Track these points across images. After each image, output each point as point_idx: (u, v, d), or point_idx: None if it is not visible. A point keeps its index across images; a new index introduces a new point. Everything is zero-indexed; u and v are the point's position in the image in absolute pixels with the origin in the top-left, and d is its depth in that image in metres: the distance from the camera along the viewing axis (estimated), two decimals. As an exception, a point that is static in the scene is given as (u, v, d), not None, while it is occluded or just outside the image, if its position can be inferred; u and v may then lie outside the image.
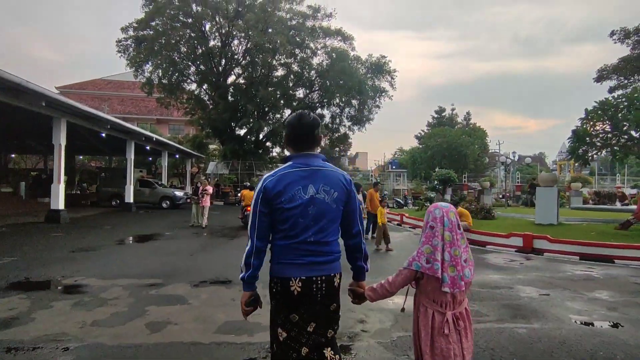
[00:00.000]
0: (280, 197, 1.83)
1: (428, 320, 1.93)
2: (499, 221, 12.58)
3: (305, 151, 1.94)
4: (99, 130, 15.35)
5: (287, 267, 1.86)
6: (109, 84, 46.97)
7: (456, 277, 1.88)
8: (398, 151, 43.64)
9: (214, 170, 31.63)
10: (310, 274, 1.85)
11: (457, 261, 1.90)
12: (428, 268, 1.90)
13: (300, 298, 1.83)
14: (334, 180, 1.91)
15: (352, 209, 1.98)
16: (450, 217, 1.96)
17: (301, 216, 1.83)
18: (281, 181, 1.85)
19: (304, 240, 1.84)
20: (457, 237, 1.94)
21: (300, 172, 1.87)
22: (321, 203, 1.86)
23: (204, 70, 30.36)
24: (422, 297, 1.99)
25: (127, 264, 7.04)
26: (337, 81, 27.68)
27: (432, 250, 1.91)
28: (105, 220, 14.30)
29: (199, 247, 9.16)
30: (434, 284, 1.91)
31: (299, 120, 1.95)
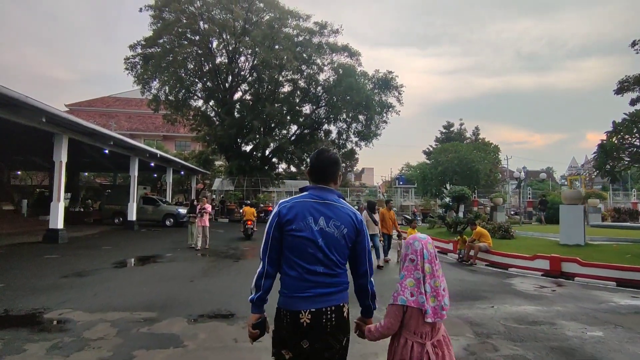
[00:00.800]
0: (292, 224, 1.86)
1: (407, 352, 1.94)
2: (519, 241, 11.76)
3: (321, 184, 1.98)
4: (102, 146, 14.88)
5: (296, 301, 1.85)
6: (117, 101, 47.17)
7: (437, 307, 1.93)
8: (405, 167, 42.92)
9: (220, 187, 31.12)
10: (319, 305, 1.84)
11: (438, 292, 1.94)
12: (413, 301, 1.92)
13: (309, 330, 1.83)
14: (345, 217, 1.93)
15: (361, 248, 1.99)
16: (429, 249, 2.00)
17: (309, 247, 1.85)
18: (294, 209, 1.89)
19: (313, 271, 1.85)
20: (435, 267, 1.98)
21: (313, 204, 1.91)
22: (330, 237, 1.88)
23: (210, 86, 30.18)
24: (403, 329, 1.98)
25: (120, 293, 6.35)
26: (344, 97, 27.27)
27: (415, 283, 1.94)
28: (105, 240, 13.68)
29: (200, 271, 8.46)
30: (417, 316, 1.93)
31: (318, 155, 2.03)
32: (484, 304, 6.13)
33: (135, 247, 12.18)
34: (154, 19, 27.41)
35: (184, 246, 12.42)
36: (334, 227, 1.89)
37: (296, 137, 30.86)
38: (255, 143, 29.33)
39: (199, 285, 7.11)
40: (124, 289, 6.62)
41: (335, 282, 1.90)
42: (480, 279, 8.27)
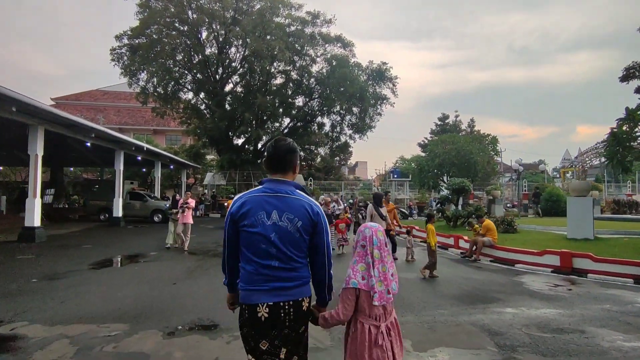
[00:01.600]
0: (244, 219, 1.84)
1: (365, 334, 1.99)
2: (523, 235, 11.17)
3: (277, 176, 1.93)
4: (83, 139, 13.96)
5: (253, 294, 1.83)
6: (105, 95, 45.78)
7: (383, 292, 2.00)
8: (399, 160, 42.32)
9: (211, 181, 30.23)
10: (276, 299, 1.82)
11: (385, 276, 2.03)
12: (364, 284, 1.99)
13: (268, 324, 1.81)
14: (299, 209, 1.87)
15: (317, 241, 1.93)
16: (379, 236, 2.09)
17: (263, 242, 1.82)
18: (246, 204, 1.86)
19: (268, 265, 1.82)
20: (384, 254, 2.07)
21: (266, 197, 1.87)
22: (284, 231, 1.84)
23: (200, 78, 29.16)
24: (357, 313, 2.03)
25: (92, 299, 5.59)
26: (337, 88, 26.47)
27: (366, 268, 2.02)
28: (87, 238, 12.83)
29: (185, 271, 7.70)
30: (368, 299, 1.99)
31: (274, 144, 1.97)
32: (498, 307, 5.48)
33: (119, 245, 11.36)
34: (140, 8, 26.28)
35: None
36: (287, 220, 1.84)
37: (289, 130, 30.03)
38: (247, 136, 28.48)
39: (182, 288, 6.37)
40: (96, 295, 5.85)
41: (293, 276, 1.86)
42: (487, 277, 7.63)
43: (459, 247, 11.22)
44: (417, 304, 5.61)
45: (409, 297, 5.95)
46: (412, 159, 41.87)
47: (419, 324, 4.72)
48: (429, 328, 4.58)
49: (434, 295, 6.15)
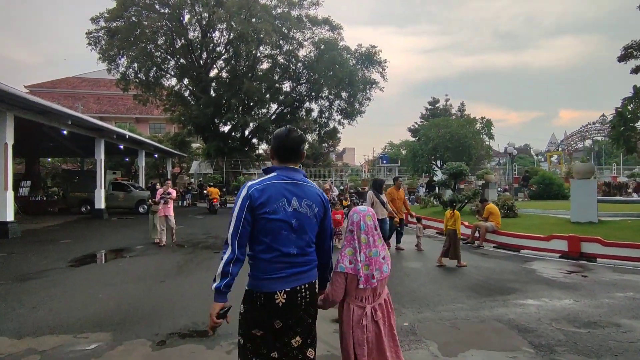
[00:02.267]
0: (265, 207, 1.79)
1: (349, 314, 2.06)
2: (524, 219, 10.84)
3: (289, 165, 1.93)
4: (58, 126, 12.99)
5: (271, 282, 1.79)
6: (83, 82, 43.82)
7: (369, 275, 2.03)
8: (388, 145, 41.94)
9: (198, 170, 29.32)
10: (294, 284, 1.82)
11: (372, 261, 2.05)
12: (351, 268, 2.04)
13: (284, 308, 1.79)
14: (315, 196, 1.92)
15: (327, 224, 2.01)
16: (367, 221, 2.11)
17: (284, 229, 1.81)
18: (266, 191, 1.81)
19: (288, 253, 1.81)
20: (373, 239, 2.09)
21: (285, 185, 1.85)
22: (304, 217, 1.85)
23: (184, 64, 27.92)
24: (346, 295, 2.08)
25: (69, 303, 4.93)
26: (326, 72, 25.70)
27: (353, 252, 2.06)
28: (67, 232, 12.00)
29: (175, 267, 7.07)
30: (355, 282, 2.04)
31: (287, 134, 1.93)
32: (519, 299, 5.05)
33: (101, 239, 10.60)
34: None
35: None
36: (306, 207, 1.86)
37: (276, 116, 29.18)
38: (233, 123, 27.55)
39: (171, 286, 5.75)
40: (74, 298, 5.19)
41: (307, 260, 1.89)
42: (496, 265, 7.23)
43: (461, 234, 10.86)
44: (430, 297, 5.14)
45: (420, 290, 5.48)
46: (407, 144, 41.61)
47: (438, 321, 4.25)
48: (452, 326, 4.11)
49: (447, 286, 5.69)
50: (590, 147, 44.78)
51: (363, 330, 2.03)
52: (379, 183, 8.31)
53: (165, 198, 9.35)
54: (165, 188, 9.70)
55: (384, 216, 7.71)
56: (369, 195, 7.92)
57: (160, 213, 9.30)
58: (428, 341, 3.70)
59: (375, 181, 8.68)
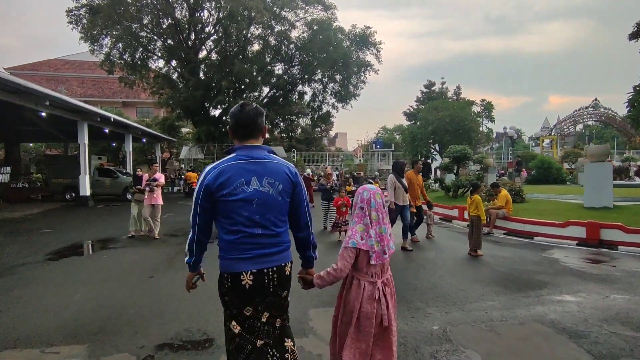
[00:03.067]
0: (222, 189, 1.74)
1: (360, 290, 2.06)
2: (533, 204, 10.35)
3: (249, 142, 1.85)
4: (36, 108, 11.98)
5: (236, 262, 1.77)
6: (66, 65, 41.92)
7: (379, 252, 2.06)
8: (382, 130, 41.19)
9: (188, 155, 28.29)
10: (260, 266, 1.78)
11: (382, 237, 2.08)
12: (363, 244, 2.04)
13: (252, 291, 1.77)
14: (279, 172, 1.83)
15: (298, 201, 1.91)
16: (377, 199, 2.12)
17: (245, 210, 1.75)
18: (223, 174, 1.76)
19: (251, 234, 1.77)
20: (382, 215, 2.11)
21: (243, 165, 1.78)
22: (266, 196, 1.78)
23: (171, 44, 26.53)
24: (354, 271, 2.10)
25: (40, 307, 4.21)
26: (320, 53, 24.72)
27: (365, 228, 2.07)
28: (48, 221, 11.15)
29: (165, 260, 6.37)
30: (366, 258, 2.05)
31: (240, 109, 1.86)
32: (553, 294, 4.48)
33: (84, 228, 9.80)
34: (99, -38, 23.20)
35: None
36: (268, 185, 1.79)
37: (269, 99, 28.18)
38: (224, 107, 26.47)
39: (161, 283, 5.06)
40: (46, 300, 4.47)
41: (276, 242, 1.83)
42: (514, 254, 6.67)
43: (464, 219, 10.32)
44: (455, 293, 4.55)
45: (441, 285, 4.88)
46: (395, 129, 40.94)
47: (472, 324, 3.64)
48: (490, 330, 3.51)
49: (469, 280, 5.10)
50: (581, 132, 44.77)
51: (373, 305, 2.04)
52: (400, 166, 7.34)
53: (151, 185, 8.09)
54: (150, 173, 8.35)
55: (405, 203, 6.87)
56: (390, 180, 7.01)
57: (147, 201, 8.10)
58: (467, 351, 3.10)
59: (397, 164, 7.51)
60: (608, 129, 42.01)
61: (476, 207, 6.50)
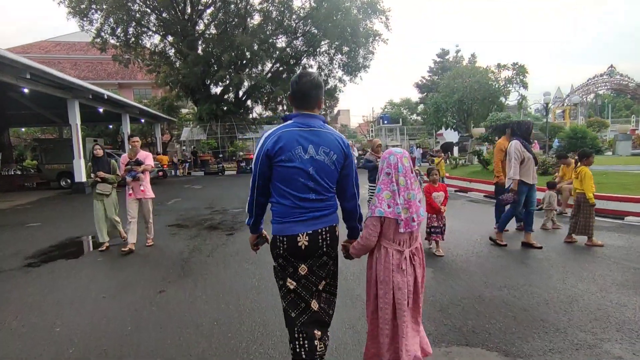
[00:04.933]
0: (280, 155, 1.76)
1: (389, 259, 1.97)
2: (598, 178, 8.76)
3: (305, 111, 1.85)
4: (16, 83, 10.22)
5: (292, 225, 1.79)
6: (57, 46, 39.47)
7: (409, 219, 1.93)
8: (388, 104, 39.18)
9: (189, 137, 26.55)
10: (315, 227, 1.81)
11: (411, 204, 1.94)
12: (390, 212, 1.93)
13: (307, 251, 1.80)
14: (333, 142, 1.84)
15: (347, 172, 1.92)
16: (404, 163, 1.98)
17: (301, 176, 1.78)
18: (281, 139, 1.77)
19: (306, 198, 1.79)
20: (410, 181, 1.97)
21: (301, 132, 1.79)
22: (321, 164, 1.80)
23: (166, 18, 24.34)
24: (382, 239, 2.00)
25: (4, 347, 2.70)
26: (326, 23, 22.56)
27: (391, 195, 1.95)
28: (38, 212, 9.60)
29: (177, 264, 4.83)
30: (394, 226, 1.95)
31: (298, 80, 1.85)
32: None
33: (78, 220, 8.24)
34: None
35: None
36: (323, 154, 1.80)
37: (272, 74, 26.16)
38: (226, 83, 24.53)
39: (176, 300, 3.54)
40: (14, 334, 2.95)
41: (326, 205, 1.85)
42: (628, 243, 5.15)
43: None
44: (615, 310, 3.03)
45: (581, 297, 3.36)
46: (402, 103, 38.99)
47: None
48: None
49: (610, 283, 3.59)
50: (592, 102, 42.87)
51: (403, 274, 1.96)
52: (525, 127, 5.13)
53: (133, 172, 5.33)
54: (131, 153, 5.48)
55: (535, 181, 4.93)
56: (515, 147, 4.80)
57: (134, 195, 5.46)
58: None
59: (521, 125, 5.22)
60: (620, 97, 40.14)
61: (582, 180, 4.93)
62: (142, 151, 5.65)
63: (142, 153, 5.60)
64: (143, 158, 5.54)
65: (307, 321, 1.82)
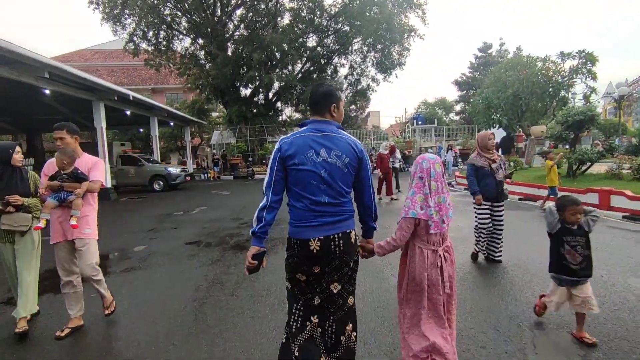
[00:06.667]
0: (293, 159, 1.82)
1: (424, 258, 2.04)
2: None
3: (319, 117, 1.92)
4: (36, 83, 9.46)
5: (305, 230, 1.83)
6: (96, 54, 40.33)
7: (439, 221, 2.02)
8: (422, 104, 37.08)
9: (219, 140, 25.80)
10: (327, 233, 1.82)
11: (441, 206, 2.03)
12: (423, 214, 2.01)
13: (319, 255, 1.82)
14: (346, 146, 1.87)
15: (363, 176, 1.94)
16: (436, 169, 2.06)
17: (313, 179, 1.81)
18: (294, 144, 1.84)
19: (318, 202, 1.82)
20: (441, 185, 2.05)
21: (313, 137, 1.85)
22: (333, 167, 1.83)
23: (197, 21, 23.73)
24: (416, 240, 2.08)
25: None
26: (360, 18, 21.12)
27: (424, 198, 2.03)
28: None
29: (196, 301, 3.55)
30: (426, 227, 2.02)
31: (315, 88, 1.97)
32: None
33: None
34: None
35: (173, 223, 7.52)
36: (335, 157, 1.84)
37: (302, 75, 24.97)
38: (256, 84, 23.54)
39: (204, 353, 2.22)
40: None
41: (340, 210, 1.86)
42: None
43: (610, 208, 7.01)
44: None
45: None
46: (437, 103, 36.84)
47: None
48: None
49: None
50: None
51: (437, 271, 2.02)
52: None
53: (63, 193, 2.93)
54: (62, 159, 2.97)
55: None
56: None
57: (56, 237, 3.00)
58: None
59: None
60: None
61: None
62: (85, 155, 3.17)
63: (84, 159, 3.13)
64: (86, 168, 3.07)
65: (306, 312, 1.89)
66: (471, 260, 4.47)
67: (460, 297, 3.20)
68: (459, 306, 2.83)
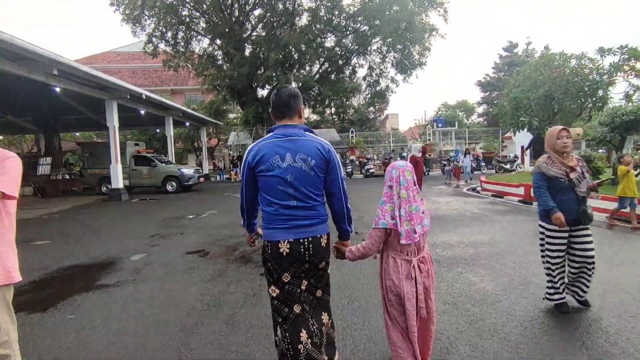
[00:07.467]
0: (260, 165, 1.82)
1: (398, 268, 1.99)
2: None
3: (284, 122, 1.90)
4: (46, 81, 9.17)
5: (275, 232, 1.83)
6: (118, 56, 40.94)
7: (410, 231, 1.93)
8: (442, 107, 35.91)
9: (235, 141, 25.48)
10: (296, 236, 1.82)
11: (412, 216, 1.95)
12: (393, 224, 1.95)
13: (289, 258, 1.82)
14: (311, 149, 1.84)
15: (332, 177, 1.91)
16: (406, 177, 1.99)
17: (279, 184, 1.81)
18: (260, 151, 1.84)
19: (287, 205, 1.81)
20: (412, 194, 1.98)
21: (278, 142, 1.84)
22: (299, 171, 1.81)
23: (215, 22, 23.50)
24: (389, 250, 2.04)
25: None
26: (380, 17, 20.38)
27: (394, 208, 1.96)
28: (59, 225, 8.35)
29: (178, 328, 2.95)
30: (399, 237, 1.96)
31: (276, 92, 1.96)
32: None
33: (91, 238, 6.78)
34: None
35: (180, 228, 7.01)
36: (301, 160, 1.81)
37: (319, 75, 24.37)
38: (273, 84, 23.09)
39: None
40: None
41: (311, 214, 1.85)
42: None
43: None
44: None
45: None
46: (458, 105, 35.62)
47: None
48: None
49: None
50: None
51: (412, 283, 1.97)
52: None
53: None
54: None
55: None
56: None
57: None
58: None
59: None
60: None
61: None
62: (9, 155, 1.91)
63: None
64: None
65: (291, 327, 1.84)
66: (555, 310, 3.12)
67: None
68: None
